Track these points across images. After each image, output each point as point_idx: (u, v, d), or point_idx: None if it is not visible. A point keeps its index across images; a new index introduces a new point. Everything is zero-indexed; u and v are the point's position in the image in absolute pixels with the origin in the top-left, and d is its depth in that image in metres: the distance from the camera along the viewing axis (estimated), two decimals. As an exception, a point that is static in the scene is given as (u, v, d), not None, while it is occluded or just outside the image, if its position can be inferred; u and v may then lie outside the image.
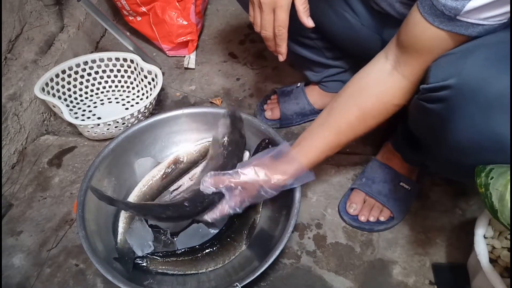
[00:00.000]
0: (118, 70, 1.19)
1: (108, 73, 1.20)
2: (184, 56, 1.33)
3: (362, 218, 0.88)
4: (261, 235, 0.84)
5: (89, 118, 1.15)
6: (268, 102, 1.14)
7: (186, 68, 1.30)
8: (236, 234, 0.82)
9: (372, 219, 0.87)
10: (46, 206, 0.95)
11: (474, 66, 0.52)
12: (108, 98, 1.21)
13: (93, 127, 1.02)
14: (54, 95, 1.11)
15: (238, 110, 0.89)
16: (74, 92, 1.17)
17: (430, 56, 0.59)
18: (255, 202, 0.78)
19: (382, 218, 0.87)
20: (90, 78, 1.19)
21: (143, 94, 1.20)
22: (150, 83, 1.15)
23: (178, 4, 1.27)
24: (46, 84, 1.08)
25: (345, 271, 0.82)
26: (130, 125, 1.03)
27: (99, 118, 1.14)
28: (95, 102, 1.20)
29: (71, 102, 1.17)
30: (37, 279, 0.83)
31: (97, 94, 1.21)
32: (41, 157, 1.05)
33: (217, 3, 1.53)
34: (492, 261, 0.69)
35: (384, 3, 0.75)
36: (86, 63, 1.16)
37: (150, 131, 0.94)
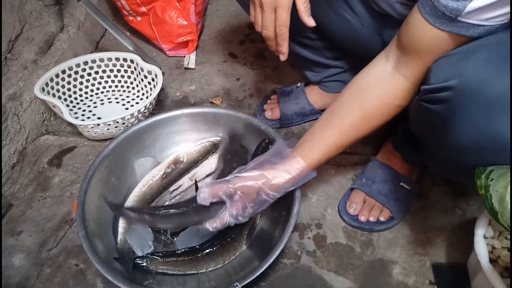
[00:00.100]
0: (118, 70, 1.19)
1: (108, 73, 1.20)
2: (184, 56, 1.33)
3: (362, 218, 0.88)
4: (261, 235, 0.84)
5: (89, 118, 1.15)
6: (268, 102, 1.14)
7: (186, 68, 1.30)
8: (236, 234, 0.82)
9: (372, 219, 0.87)
10: (46, 206, 0.95)
11: (475, 67, 0.52)
12: (108, 98, 1.21)
13: (93, 127, 1.02)
14: (54, 95, 1.11)
15: (236, 130, 0.90)
16: (74, 92, 1.17)
17: (431, 57, 0.59)
18: (259, 209, 0.73)
19: (382, 218, 0.87)
20: (90, 78, 1.19)
21: (143, 94, 1.20)
22: (150, 83, 1.15)
23: (178, 4, 1.27)
24: (46, 84, 1.08)
25: (345, 271, 0.82)
26: (130, 125, 1.03)
27: (99, 118, 1.14)
28: (95, 102, 1.20)
29: (71, 102, 1.17)
30: (37, 279, 0.83)
31: (97, 94, 1.21)
32: (41, 157, 1.05)
33: (217, 3, 1.53)
34: (492, 261, 0.69)
35: (384, 4, 0.75)
36: (86, 63, 1.16)
37: (150, 131, 0.94)
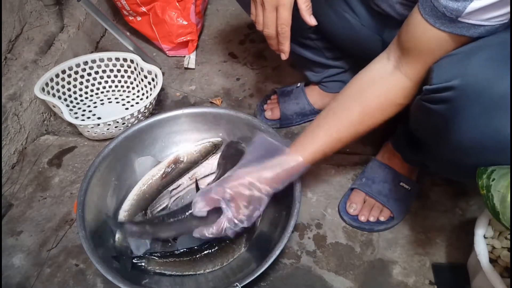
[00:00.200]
0: (118, 70, 1.19)
1: (108, 73, 1.20)
2: (184, 56, 1.33)
3: (362, 218, 0.88)
4: (260, 238, 0.84)
5: (89, 118, 1.15)
6: (268, 102, 1.14)
7: (186, 68, 1.30)
8: (235, 236, 0.82)
9: (372, 219, 0.87)
10: (46, 206, 0.95)
11: (477, 67, 0.52)
12: (108, 98, 1.21)
13: (93, 127, 1.02)
14: (54, 95, 1.11)
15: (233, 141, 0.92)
16: (74, 92, 1.17)
17: (432, 57, 0.59)
18: (255, 210, 0.71)
19: (382, 218, 0.87)
20: (90, 78, 1.19)
21: (143, 94, 1.20)
22: (150, 83, 1.15)
23: (178, 4, 1.27)
24: (46, 84, 1.08)
25: (345, 271, 0.82)
26: (130, 125, 1.03)
27: (99, 118, 1.14)
28: (95, 102, 1.20)
29: (71, 102, 1.17)
30: (37, 279, 0.83)
31: (97, 94, 1.21)
32: (41, 157, 1.05)
33: (217, 3, 1.53)
34: (492, 261, 0.69)
35: (384, 4, 0.75)
36: (86, 63, 1.16)
37: (150, 131, 0.94)
